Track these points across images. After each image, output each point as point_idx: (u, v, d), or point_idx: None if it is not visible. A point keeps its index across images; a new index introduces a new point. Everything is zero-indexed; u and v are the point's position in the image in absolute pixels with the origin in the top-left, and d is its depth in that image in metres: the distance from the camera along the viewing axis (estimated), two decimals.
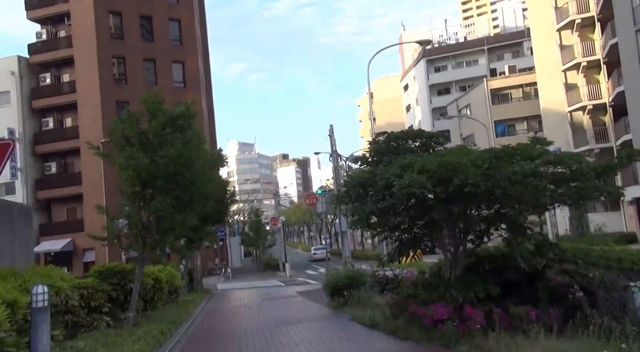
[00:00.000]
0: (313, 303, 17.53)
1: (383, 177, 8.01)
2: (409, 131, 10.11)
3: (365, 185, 8.33)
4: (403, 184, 7.32)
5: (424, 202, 7.93)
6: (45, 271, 10.45)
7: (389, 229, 10.06)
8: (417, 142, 9.79)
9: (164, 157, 11.69)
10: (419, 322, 8.94)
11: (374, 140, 9.83)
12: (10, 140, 4.64)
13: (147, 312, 14.77)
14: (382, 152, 9.61)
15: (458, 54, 65.12)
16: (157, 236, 12.39)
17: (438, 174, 7.38)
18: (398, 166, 7.98)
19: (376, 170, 8.52)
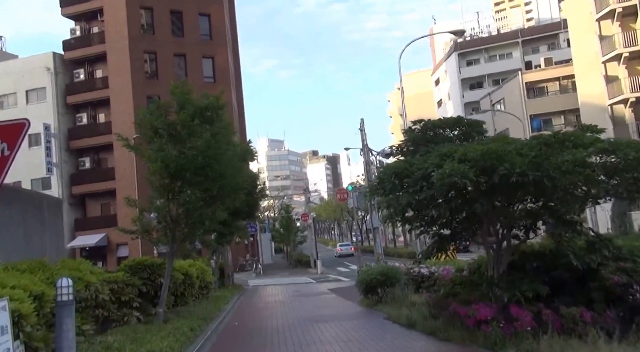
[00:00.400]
0: (345, 300, 17.11)
1: (421, 167, 7.51)
2: (447, 119, 9.53)
3: (401, 176, 7.84)
4: (443, 173, 6.81)
5: (465, 194, 7.41)
6: (74, 264, 10.30)
7: (426, 223, 9.53)
8: (455, 131, 9.24)
9: (193, 148, 11.41)
10: (461, 322, 8.42)
11: (410, 129, 9.31)
12: (25, 120, 4.32)
13: (177, 308, 14.59)
14: (418, 141, 9.09)
15: (491, 47, 63.61)
16: (186, 229, 12.13)
17: (481, 163, 6.84)
18: (437, 155, 7.48)
19: (412, 160, 8.02)
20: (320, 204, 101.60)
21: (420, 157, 7.92)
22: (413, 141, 9.15)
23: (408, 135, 9.29)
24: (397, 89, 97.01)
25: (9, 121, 4.59)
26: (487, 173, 6.87)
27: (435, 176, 6.94)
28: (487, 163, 6.84)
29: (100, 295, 10.51)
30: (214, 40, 41.81)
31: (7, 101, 42.49)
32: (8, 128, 4.41)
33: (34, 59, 42.07)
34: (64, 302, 6.65)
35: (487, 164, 6.83)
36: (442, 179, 6.81)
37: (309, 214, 48.89)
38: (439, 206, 7.55)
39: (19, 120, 4.53)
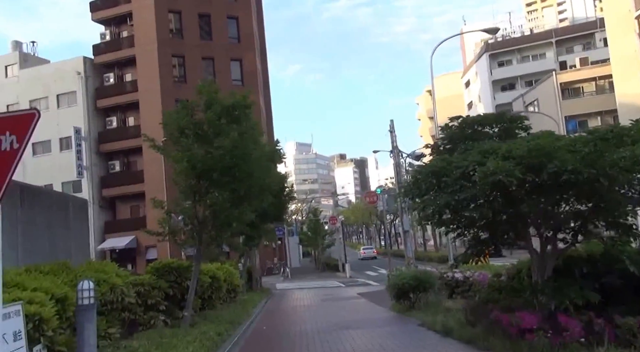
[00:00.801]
0: (376, 305, 16.61)
1: (460, 166, 7.01)
2: (488, 115, 8.96)
3: (439, 175, 7.34)
4: (486, 171, 6.30)
5: (508, 194, 6.88)
6: (100, 266, 10.08)
7: (463, 225, 9.01)
8: (495, 128, 8.69)
9: (220, 148, 11.11)
10: (502, 331, 7.87)
11: (446, 126, 8.80)
12: (35, 110, 4.00)
13: (204, 312, 14.33)
14: (456, 139, 8.57)
15: (523, 47, 62.21)
16: (213, 231, 11.83)
17: (528, 160, 6.32)
18: (478, 152, 6.97)
19: (451, 158, 7.51)
20: (348, 208, 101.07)
21: (459, 156, 7.42)
22: (450, 139, 8.63)
23: (444, 132, 8.77)
24: (426, 91, 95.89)
25: (17, 112, 4.27)
26: (534, 171, 6.34)
27: (478, 174, 6.44)
28: (534, 160, 6.30)
29: (127, 298, 10.27)
30: (242, 43, 41.80)
31: (39, 105, 43.06)
32: (17, 119, 4.09)
33: (65, 64, 42.69)
34: (85, 306, 6.37)
35: (535, 161, 6.30)
36: (485, 178, 6.30)
37: (337, 217, 48.39)
38: (480, 207, 7.03)
39: (29, 111, 4.21)
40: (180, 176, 11.64)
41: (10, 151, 4.04)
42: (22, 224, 8.58)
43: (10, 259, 8.26)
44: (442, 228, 9.36)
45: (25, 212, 8.59)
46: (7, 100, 43.42)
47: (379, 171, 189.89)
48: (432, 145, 8.99)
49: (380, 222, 75.39)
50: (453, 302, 13.60)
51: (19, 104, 43.26)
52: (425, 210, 7.77)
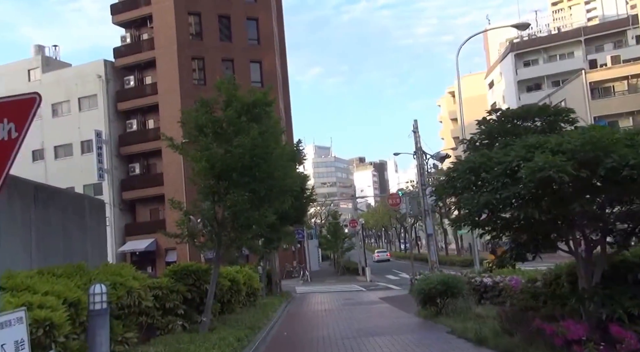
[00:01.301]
0: (400, 310, 16.02)
1: (502, 161, 6.43)
2: (531, 107, 8.32)
3: (478, 171, 6.77)
4: (534, 167, 5.72)
5: (556, 192, 6.29)
6: (116, 268, 9.68)
7: (500, 227, 8.41)
8: (538, 122, 8.08)
9: (239, 147, 10.65)
10: (544, 341, 7.27)
11: (484, 120, 8.22)
12: (36, 94, 3.54)
13: (224, 316, 13.93)
14: (494, 133, 7.97)
15: (550, 46, 60.80)
16: (233, 233, 11.38)
17: (581, 155, 5.72)
18: (522, 146, 6.39)
19: (491, 153, 6.92)
20: (367, 211, 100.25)
21: (500, 151, 6.84)
22: (488, 133, 8.02)
23: (481, 126, 8.17)
24: (448, 93, 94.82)
25: (16, 96, 3.83)
26: (588, 167, 5.74)
27: (524, 170, 5.86)
28: (589, 155, 5.70)
29: (144, 302, 9.87)
30: (261, 45, 41.54)
31: (60, 109, 43.42)
32: (16, 105, 3.65)
33: (86, 67, 42.87)
34: (97, 312, 5.95)
35: (590, 155, 5.70)
36: (532, 174, 5.72)
37: (357, 220, 47.80)
38: (524, 206, 6.43)
39: (29, 95, 3.76)
40: (199, 176, 11.22)
41: (7, 141, 3.58)
42: (36, 225, 8.21)
43: (24, 261, 7.89)
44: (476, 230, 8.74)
45: (39, 213, 8.22)
46: None
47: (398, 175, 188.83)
48: (468, 141, 8.40)
49: (401, 225, 74.57)
50: (483, 309, 12.96)
51: (41, 108, 43.24)
52: (463, 210, 7.19)
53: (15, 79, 44.06)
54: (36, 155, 43.24)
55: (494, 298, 14.49)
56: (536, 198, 6.31)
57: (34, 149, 43.00)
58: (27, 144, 30.11)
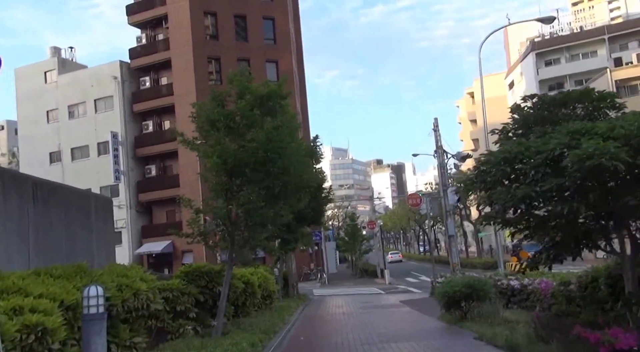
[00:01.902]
0: (422, 314, 15.31)
1: (542, 150, 5.75)
2: (572, 92, 7.58)
3: (514, 162, 6.08)
4: (582, 155, 5.04)
5: (605, 184, 5.59)
6: (122, 269, 9.14)
7: (534, 226, 7.70)
8: (579, 109, 7.35)
9: (253, 141, 10.09)
10: (586, 349, 6.55)
11: (518, 108, 7.51)
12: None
13: (238, 319, 13.38)
14: (530, 122, 7.26)
15: (573, 45, 59.38)
16: (247, 233, 10.81)
17: (637, 141, 5.03)
18: (565, 133, 5.69)
19: (528, 142, 6.23)
20: (385, 214, 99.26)
21: (538, 139, 6.14)
22: (523, 122, 7.30)
23: (515, 115, 7.47)
24: (467, 94, 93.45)
25: None
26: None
27: (570, 158, 5.17)
28: None
29: (153, 304, 9.32)
30: (278, 45, 41.07)
31: (77, 111, 43.40)
32: None
33: (102, 68, 42.78)
34: (92, 316, 5.39)
35: None
36: (580, 162, 5.04)
37: (376, 222, 47.00)
38: (568, 200, 5.72)
39: None
40: (211, 173, 10.68)
41: None
42: (35, 224, 7.69)
43: (20, 262, 7.38)
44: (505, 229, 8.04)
45: (38, 211, 7.71)
46: (47, 106, 43.86)
47: (416, 177, 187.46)
48: (500, 131, 7.69)
49: (420, 227, 73.62)
50: (511, 313, 12.22)
51: (58, 110, 43.64)
52: (496, 205, 6.50)
53: (32, 81, 44.23)
54: (53, 158, 43.26)
55: (522, 302, 13.74)
56: (583, 191, 5.61)
57: (51, 151, 43.05)
58: (44, 146, 29.95)
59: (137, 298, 8.77)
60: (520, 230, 8.14)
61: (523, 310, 13.19)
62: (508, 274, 15.40)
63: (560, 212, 5.61)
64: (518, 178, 6.19)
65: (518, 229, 8.02)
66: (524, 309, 13.32)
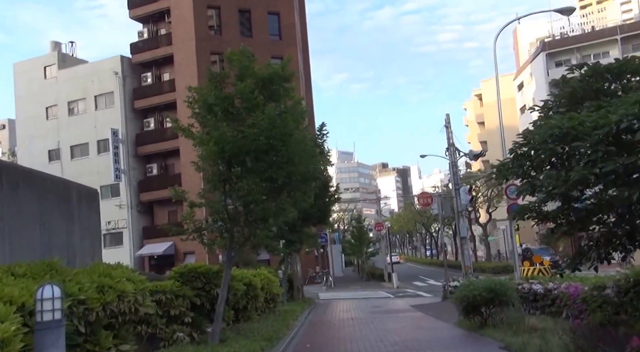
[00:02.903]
0: (437, 320, 14.21)
1: (603, 124, 4.70)
2: (629, 61, 6.47)
3: (565, 139, 5.03)
4: None
5: None
6: (105, 268, 8.10)
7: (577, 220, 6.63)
8: (634, 81, 6.27)
9: (253, 126, 9.04)
10: None
11: (564, 79, 6.44)
12: None
13: (238, 324, 12.37)
14: (578, 96, 6.20)
15: (584, 45, 58.13)
16: (246, 229, 9.76)
17: None
18: (633, 102, 4.64)
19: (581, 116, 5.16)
20: (391, 217, 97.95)
21: (592, 113, 5.08)
22: (570, 96, 6.21)
23: (560, 88, 6.40)
24: (474, 96, 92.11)
25: None
26: None
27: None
28: None
29: (142, 308, 8.28)
30: (283, 40, 40.05)
31: (77, 107, 42.49)
32: None
33: (102, 64, 41.83)
34: (46, 324, 4.34)
35: None
36: None
37: (383, 224, 45.84)
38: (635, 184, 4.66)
39: None
40: (207, 162, 9.65)
41: None
42: None
43: None
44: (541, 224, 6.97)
45: (5, 198, 6.68)
46: (46, 102, 42.96)
47: (422, 180, 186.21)
48: (541, 107, 6.61)
49: (426, 230, 72.39)
50: (537, 320, 11.10)
51: (57, 106, 42.76)
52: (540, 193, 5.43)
53: (32, 76, 43.33)
54: (52, 156, 42.33)
55: (546, 308, 12.63)
56: None
57: (49, 148, 42.14)
58: (43, 144, 28.69)
59: (122, 301, 7.75)
60: (559, 226, 7.07)
61: (547, 316, 12.09)
62: (559, 274, 14.26)
63: (628, 198, 4.55)
64: (567, 160, 5.12)
65: (557, 224, 6.94)
66: (548, 315, 12.23)
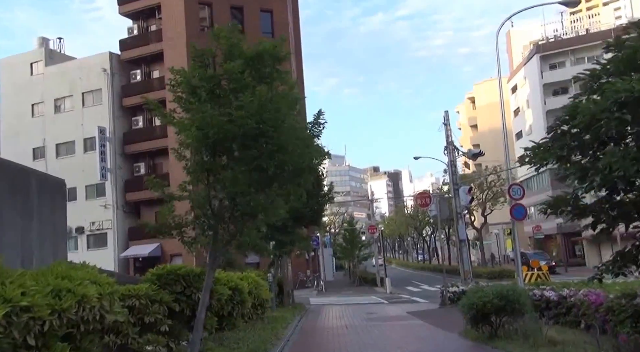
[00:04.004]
0: (439, 329, 13.12)
1: None
2: None
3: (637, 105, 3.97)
4: None
5: None
6: (65, 269, 6.93)
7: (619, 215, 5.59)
8: None
9: (241, 108, 7.93)
10: None
11: (618, 41, 5.38)
12: None
13: (222, 333, 11.21)
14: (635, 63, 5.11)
15: (578, 48, 57.65)
16: (232, 225, 8.63)
17: None
18: None
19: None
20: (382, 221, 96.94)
21: None
22: (627, 61, 5.08)
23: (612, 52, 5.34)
24: (467, 99, 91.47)
25: None
26: None
27: None
28: None
29: (109, 315, 7.10)
30: (276, 38, 38.89)
31: (63, 104, 41.16)
32: None
33: (90, 60, 40.53)
34: None
35: None
36: None
37: (376, 226, 44.72)
38: None
39: None
40: (188, 149, 8.54)
41: None
42: None
43: None
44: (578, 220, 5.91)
45: None
46: (32, 99, 41.61)
47: (413, 184, 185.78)
48: (589, 75, 5.54)
49: (418, 234, 71.42)
50: (556, 332, 10.03)
51: (43, 103, 41.41)
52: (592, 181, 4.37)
53: (18, 72, 41.97)
54: (37, 154, 40.90)
55: (560, 317, 11.59)
56: None
57: (34, 146, 40.73)
58: (27, 142, 27.04)
59: (83, 307, 6.59)
60: (598, 221, 6.01)
61: (562, 327, 11.05)
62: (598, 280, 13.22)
63: None
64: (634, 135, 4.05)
65: (597, 219, 5.88)
66: (562, 326, 11.19)
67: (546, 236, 52.30)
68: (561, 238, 51.42)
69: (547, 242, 55.05)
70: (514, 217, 16.56)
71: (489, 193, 46.57)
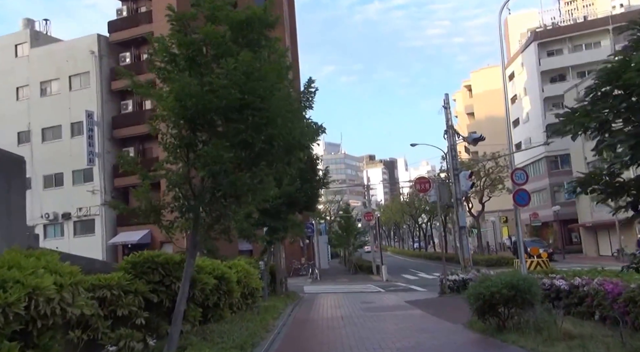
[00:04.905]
0: (441, 320, 12.30)
1: None
2: None
3: None
4: None
5: None
6: (14, 256, 6.02)
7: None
8: None
9: (224, 76, 6.99)
10: None
11: None
12: None
13: (208, 325, 10.33)
14: None
15: (575, 35, 56.68)
16: (215, 208, 7.72)
17: None
18: None
19: None
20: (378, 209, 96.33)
21: None
22: None
23: None
24: (463, 87, 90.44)
25: None
26: None
27: None
28: None
29: (71, 308, 6.23)
30: None
31: (49, 88, 39.92)
32: None
33: (78, 42, 39.23)
34: None
35: None
36: None
37: (373, 213, 43.89)
38: None
39: None
40: (164, 122, 7.60)
41: None
42: None
43: None
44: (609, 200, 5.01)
45: None
46: (17, 83, 40.35)
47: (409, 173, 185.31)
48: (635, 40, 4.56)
49: (414, 222, 70.76)
50: (572, 324, 9.20)
51: (29, 87, 40.16)
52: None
53: (1, 54, 40.62)
54: (22, 138, 39.70)
55: (572, 307, 10.78)
56: None
57: (19, 130, 39.52)
58: (12, 126, 25.56)
59: (36, 300, 5.69)
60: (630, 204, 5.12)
61: (574, 318, 10.23)
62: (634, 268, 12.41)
63: None
64: None
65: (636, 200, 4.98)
66: (574, 317, 10.37)
67: (543, 223, 51.75)
68: (558, 225, 50.88)
69: (543, 230, 54.52)
70: (517, 203, 15.77)
71: (487, 180, 45.78)
